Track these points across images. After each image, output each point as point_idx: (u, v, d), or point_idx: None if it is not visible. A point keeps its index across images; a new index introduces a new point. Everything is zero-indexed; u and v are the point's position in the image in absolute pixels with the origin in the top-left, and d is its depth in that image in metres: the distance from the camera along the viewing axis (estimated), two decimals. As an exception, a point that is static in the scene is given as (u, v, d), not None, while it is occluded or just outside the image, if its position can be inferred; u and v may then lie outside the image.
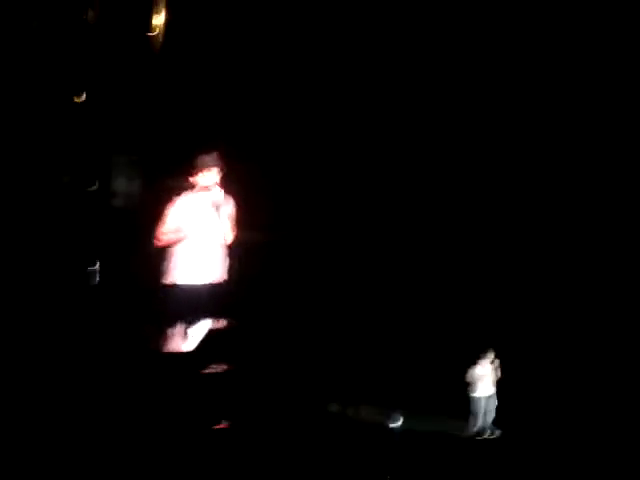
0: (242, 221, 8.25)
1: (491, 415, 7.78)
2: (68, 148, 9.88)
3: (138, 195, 10.11)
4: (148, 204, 9.12)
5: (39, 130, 9.76)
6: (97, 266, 8.62)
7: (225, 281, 8.08)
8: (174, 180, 8.54)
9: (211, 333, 7.58)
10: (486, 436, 7.73)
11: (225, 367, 7.23)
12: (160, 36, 10.70)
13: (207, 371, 7.17)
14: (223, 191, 8.11)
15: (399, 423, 7.65)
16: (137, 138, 10.07)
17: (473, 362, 7.76)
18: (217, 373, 7.19)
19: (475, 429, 7.73)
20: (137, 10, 10.59)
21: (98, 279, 8.59)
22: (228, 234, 8.18)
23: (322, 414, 7.64)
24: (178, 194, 8.12)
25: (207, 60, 10.23)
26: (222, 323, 7.73)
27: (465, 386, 7.77)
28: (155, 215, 8.06)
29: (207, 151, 8.14)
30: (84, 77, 9.91)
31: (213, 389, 7.08)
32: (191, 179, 8.06)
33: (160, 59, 10.42)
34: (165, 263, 8.03)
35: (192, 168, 8.09)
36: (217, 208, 8.08)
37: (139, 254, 8.33)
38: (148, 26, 10.69)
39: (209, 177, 8.09)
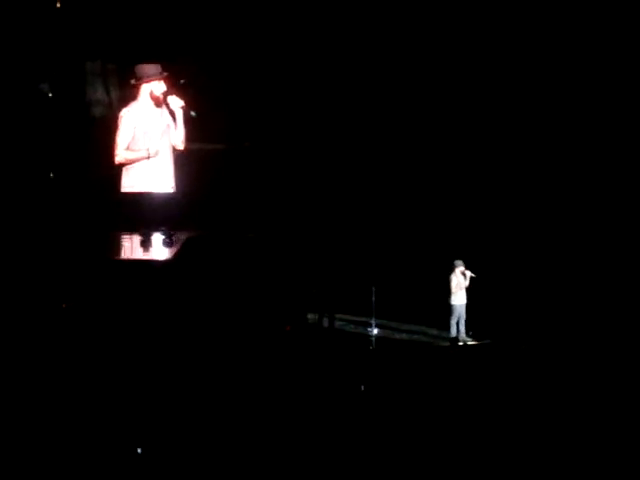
0: (196, 131, 8.08)
1: (463, 322, 7.81)
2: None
3: (100, 104, 9.73)
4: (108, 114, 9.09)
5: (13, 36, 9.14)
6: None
7: (178, 190, 8.01)
8: (126, 91, 8.44)
9: (171, 242, 7.24)
10: (461, 343, 7.74)
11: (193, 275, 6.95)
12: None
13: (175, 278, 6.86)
14: (176, 100, 7.93)
15: (375, 332, 7.57)
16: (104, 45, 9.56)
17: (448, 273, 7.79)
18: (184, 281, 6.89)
19: (452, 335, 7.75)
20: None
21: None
22: (180, 142, 8.06)
23: (298, 323, 7.43)
24: (126, 105, 8.06)
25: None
26: (181, 232, 7.42)
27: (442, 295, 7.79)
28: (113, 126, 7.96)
29: (149, 61, 8.02)
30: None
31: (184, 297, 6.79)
32: (137, 89, 7.94)
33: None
34: (121, 172, 7.92)
35: (135, 78, 7.97)
36: (171, 117, 7.97)
37: (99, 164, 8.15)
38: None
39: (155, 87, 7.96)
